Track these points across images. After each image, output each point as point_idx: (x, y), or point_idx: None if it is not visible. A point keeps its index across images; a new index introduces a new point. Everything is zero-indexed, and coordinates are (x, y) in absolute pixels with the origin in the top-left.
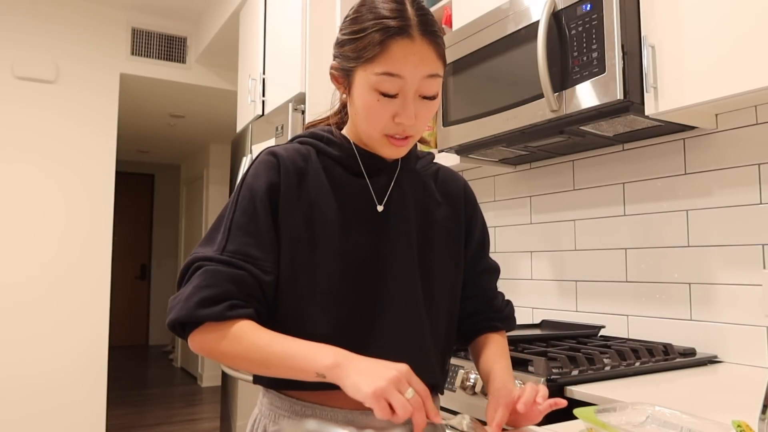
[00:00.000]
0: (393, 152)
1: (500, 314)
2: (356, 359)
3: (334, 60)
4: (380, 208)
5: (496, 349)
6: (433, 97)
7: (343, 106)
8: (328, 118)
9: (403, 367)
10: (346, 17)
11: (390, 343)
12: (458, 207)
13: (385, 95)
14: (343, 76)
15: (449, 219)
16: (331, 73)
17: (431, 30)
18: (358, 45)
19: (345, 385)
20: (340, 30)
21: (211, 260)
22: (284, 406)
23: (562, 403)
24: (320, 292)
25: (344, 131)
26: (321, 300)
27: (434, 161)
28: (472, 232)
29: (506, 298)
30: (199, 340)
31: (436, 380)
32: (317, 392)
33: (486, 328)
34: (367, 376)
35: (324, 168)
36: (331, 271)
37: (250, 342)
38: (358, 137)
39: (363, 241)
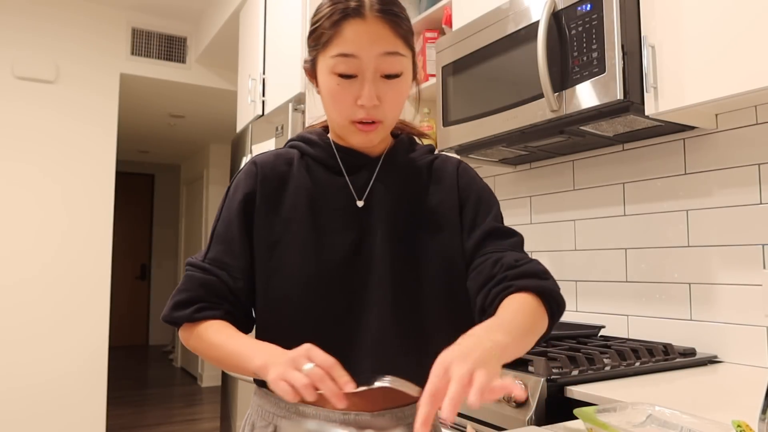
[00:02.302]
0: (362, 139)
1: (512, 271)
2: (279, 356)
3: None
4: (360, 204)
5: (500, 310)
6: (396, 76)
7: None
8: (320, 123)
9: (302, 348)
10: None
11: (367, 344)
12: (452, 189)
13: (343, 76)
14: (311, 69)
15: (443, 207)
16: (304, 69)
17: (386, 8)
18: (317, 33)
19: (268, 382)
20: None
21: (193, 266)
22: (272, 404)
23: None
24: (296, 295)
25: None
26: (297, 302)
27: (434, 152)
28: (466, 204)
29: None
30: (182, 338)
31: (425, 380)
32: None
33: (499, 294)
34: (277, 368)
35: (307, 170)
36: (306, 273)
37: (209, 341)
38: (335, 133)
39: (342, 240)
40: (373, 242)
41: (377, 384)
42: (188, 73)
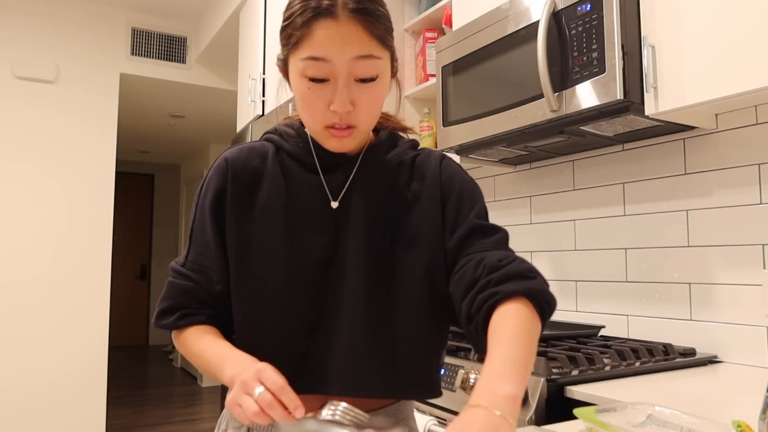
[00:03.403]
0: (336, 145)
1: (495, 274)
2: (246, 370)
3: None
4: (335, 205)
5: (493, 332)
6: (371, 80)
7: None
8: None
9: (252, 370)
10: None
11: (335, 355)
12: (434, 186)
13: (314, 80)
14: (283, 67)
15: (424, 206)
16: (277, 66)
17: (360, 8)
18: (288, 31)
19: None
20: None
21: (174, 272)
22: None
23: None
24: (269, 298)
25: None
26: (268, 307)
27: (417, 147)
28: (448, 201)
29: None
30: (174, 344)
31: (399, 386)
32: None
33: (484, 304)
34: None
35: (281, 165)
36: (278, 276)
37: (191, 349)
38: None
39: (315, 243)
40: (347, 246)
41: (325, 413)
42: (188, 73)
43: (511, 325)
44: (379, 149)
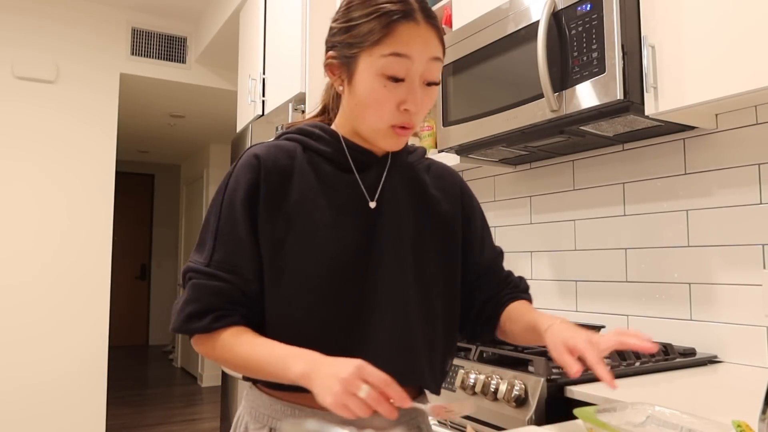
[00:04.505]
0: (394, 143)
1: (518, 287)
2: (321, 365)
3: (330, 50)
4: (372, 205)
5: (527, 308)
6: (436, 83)
7: (324, 108)
8: (311, 119)
9: (351, 367)
10: (343, 6)
11: (377, 345)
12: (455, 201)
13: (392, 79)
14: (342, 65)
15: (446, 213)
16: (327, 64)
17: (433, 15)
18: (362, 30)
19: (315, 395)
20: (337, 20)
21: (198, 273)
22: (266, 406)
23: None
24: (303, 295)
25: (333, 127)
26: (305, 302)
27: (426, 156)
28: (474, 221)
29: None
30: (199, 348)
31: (423, 381)
32: (297, 393)
33: (508, 301)
34: (325, 386)
35: (311, 164)
36: (316, 273)
37: (234, 351)
38: (349, 131)
39: (352, 241)
40: (383, 243)
41: (428, 405)
42: (188, 73)
43: (529, 306)
44: (402, 152)
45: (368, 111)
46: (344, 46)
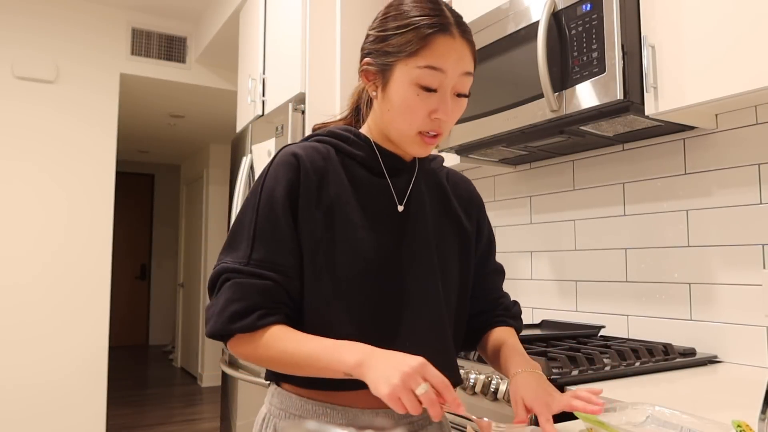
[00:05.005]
0: (422, 150)
1: (509, 312)
2: (377, 356)
3: (366, 57)
4: (401, 208)
5: (508, 337)
6: (464, 95)
7: (356, 110)
8: (339, 121)
9: (415, 363)
10: (381, 15)
11: (414, 343)
12: (470, 208)
13: (425, 89)
14: (378, 72)
15: (462, 219)
16: (364, 69)
17: (467, 30)
18: (400, 39)
19: (368, 383)
20: (374, 28)
21: (238, 272)
22: (295, 405)
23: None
24: (342, 293)
25: (362, 131)
26: (344, 301)
27: (443, 163)
28: (482, 233)
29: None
30: (238, 349)
31: (456, 379)
32: (330, 392)
33: (495, 323)
34: (383, 375)
35: (344, 167)
36: (352, 271)
37: (280, 348)
38: (379, 136)
39: (384, 241)
40: (413, 246)
41: (485, 419)
42: (188, 73)
43: (516, 340)
44: (426, 159)
45: (400, 117)
46: (381, 54)
